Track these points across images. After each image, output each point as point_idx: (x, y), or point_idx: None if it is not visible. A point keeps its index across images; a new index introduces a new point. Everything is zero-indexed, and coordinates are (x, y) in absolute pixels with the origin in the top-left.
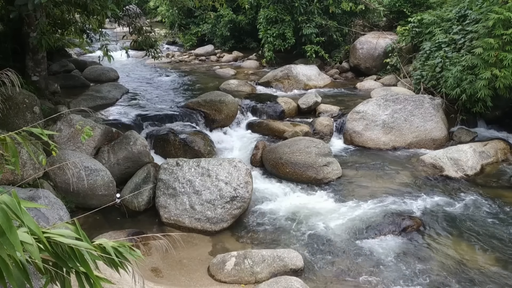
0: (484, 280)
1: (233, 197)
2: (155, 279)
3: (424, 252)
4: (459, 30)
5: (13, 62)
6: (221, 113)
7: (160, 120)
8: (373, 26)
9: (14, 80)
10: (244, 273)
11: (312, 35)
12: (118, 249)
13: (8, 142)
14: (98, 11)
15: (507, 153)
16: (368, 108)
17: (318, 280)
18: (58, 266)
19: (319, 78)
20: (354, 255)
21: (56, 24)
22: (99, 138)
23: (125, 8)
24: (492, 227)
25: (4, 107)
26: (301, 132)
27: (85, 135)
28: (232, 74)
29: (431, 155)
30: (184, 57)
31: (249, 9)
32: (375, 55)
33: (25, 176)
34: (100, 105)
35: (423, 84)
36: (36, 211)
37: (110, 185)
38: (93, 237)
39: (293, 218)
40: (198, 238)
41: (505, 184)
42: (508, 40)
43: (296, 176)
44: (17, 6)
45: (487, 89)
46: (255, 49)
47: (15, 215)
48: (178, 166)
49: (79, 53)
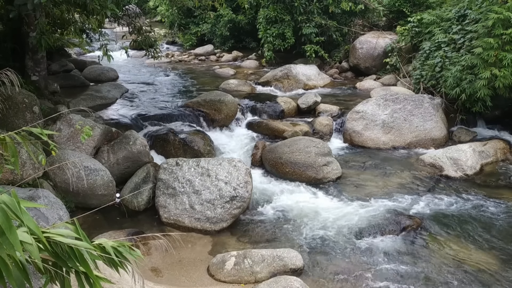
0: (483, 279)
1: (232, 196)
2: (155, 278)
3: (424, 251)
4: (458, 29)
5: (13, 62)
6: (220, 113)
7: (160, 119)
8: (372, 25)
9: (14, 80)
10: (243, 273)
11: (312, 35)
12: (118, 249)
13: (7, 142)
14: (98, 10)
15: (506, 153)
16: (368, 108)
17: (317, 280)
18: (57, 265)
19: (319, 78)
20: (353, 254)
21: (55, 23)
22: (98, 138)
23: (124, 8)
24: (491, 227)
25: (3, 107)
26: (300, 131)
27: (84, 135)
28: (231, 74)
29: (431, 154)
30: (183, 57)
31: (249, 9)
32: (375, 55)
33: (25, 175)
34: (100, 105)
35: (423, 83)
36: (35, 211)
37: (109, 184)
38: (92, 237)
39: (292, 217)
40: (198, 238)
41: (505, 184)
42: (507, 40)
43: (296, 176)
44: (16, 6)
45: (486, 89)
46: (255, 49)
47: (15, 214)
48: (178, 166)
49: (78, 52)
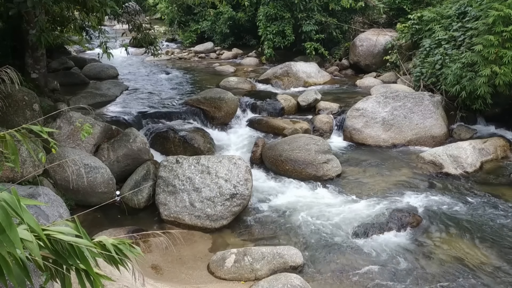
0: (483, 276)
1: (233, 194)
2: (155, 276)
3: (424, 248)
4: (459, 27)
5: (13, 60)
6: (220, 110)
7: (160, 117)
8: (373, 23)
9: (14, 78)
10: (244, 270)
11: (312, 32)
12: (118, 246)
13: (7, 140)
14: (98, 8)
15: (506, 150)
16: (368, 105)
17: (317, 277)
18: (58, 263)
19: (319, 75)
20: (353, 251)
21: (55, 21)
22: (98, 136)
23: (124, 5)
24: (491, 224)
25: (3, 105)
26: (300, 129)
27: (84, 132)
28: (231, 72)
29: (431, 152)
30: (183, 54)
31: (249, 6)
32: (375, 52)
33: (25, 173)
34: (100, 103)
35: (423, 81)
36: (36, 209)
37: (110, 182)
38: (93, 234)
39: (292, 215)
40: (198, 235)
41: (505, 181)
42: (508, 37)
43: (296, 173)
44: (16, 3)
45: (486, 86)
46: (255, 46)
47: (15, 212)
48: (178, 164)
49: (78, 50)
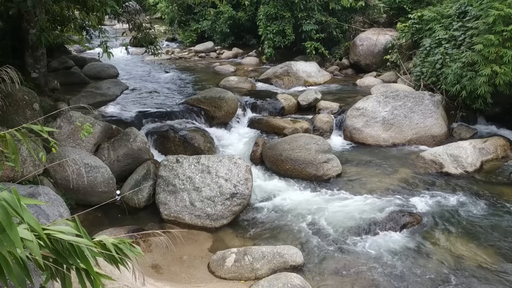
0: (483, 276)
1: (233, 193)
2: (155, 275)
3: (424, 248)
4: (459, 26)
5: (13, 59)
6: (221, 110)
7: (160, 116)
8: (373, 22)
9: (14, 77)
10: (244, 270)
11: (312, 32)
12: (118, 245)
13: (8, 139)
14: (98, 7)
15: (506, 150)
16: (368, 105)
17: (317, 276)
18: (58, 262)
19: (319, 75)
20: (353, 251)
21: (55, 20)
22: (99, 135)
23: (124, 5)
24: (491, 223)
25: (3, 104)
26: (301, 128)
27: (85, 132)
28: (232, 71)
29: (431, 151)
30: (183, 53)
31: (249, 6)
32: (375, 52)
33: (25, 173)
34: (100, 102)
35: (423, 80)
36: (36, 208)
37: (110, 182)
38: (93, 233)
39: (293, 214)
40: (198, 234)
41: (505, 181)
42: (508, 37)
43: (296, 173)
44: (16, 3)
45: (487, 86)
46: (255, 46)
47: (15, 212)
48: (178, 163)
49: (78, 50)
